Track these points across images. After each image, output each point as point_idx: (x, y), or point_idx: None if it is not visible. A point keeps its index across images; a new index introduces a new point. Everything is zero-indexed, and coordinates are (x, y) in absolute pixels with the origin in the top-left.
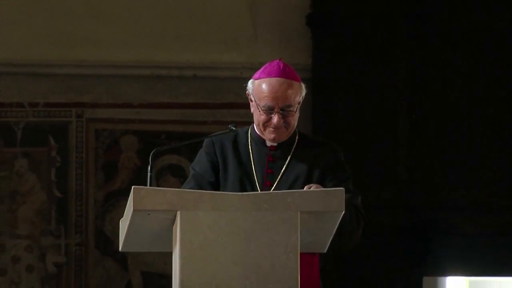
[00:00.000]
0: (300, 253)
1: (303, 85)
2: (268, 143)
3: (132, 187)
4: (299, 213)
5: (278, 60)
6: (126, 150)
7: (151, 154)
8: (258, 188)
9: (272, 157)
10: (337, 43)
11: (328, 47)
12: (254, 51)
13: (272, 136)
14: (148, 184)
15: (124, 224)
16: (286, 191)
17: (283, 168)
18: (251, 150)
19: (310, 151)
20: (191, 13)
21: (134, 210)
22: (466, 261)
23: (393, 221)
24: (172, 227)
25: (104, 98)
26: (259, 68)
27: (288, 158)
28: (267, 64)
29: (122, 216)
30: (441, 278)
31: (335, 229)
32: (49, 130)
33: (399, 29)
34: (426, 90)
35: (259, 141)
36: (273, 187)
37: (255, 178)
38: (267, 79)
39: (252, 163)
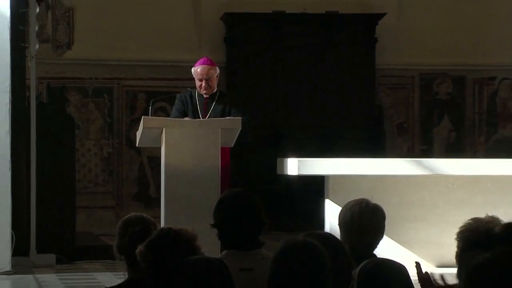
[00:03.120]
0: (221, 147)
1: (217, 68)
2: (204, 96)
3: (143, 117)
4: (220, 128)
5: (205, 57)
6: (140, 100)
7: (151, 102)
8: (201, 117)
9: (206, 102)
10: (236, 51)
11: (232, 53)
12: (200, 53)
13: (204, 92)
14: (150, 115)
15: (138, 133)
16: (214, 118)
17: (212, 107)
18: (197, 99)
19: (224, 98)
20: (172, 34)
21: (143, 127)
22: (298, 151)
23: (266, 132)
24: (161, 135)
25: (130, 75)
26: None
27: (214, 102)
28: (200, 59)
29: (138, 130)
30: (285, 159)
31: (236, 136)
32: (104, 90)
33: (264, 47)
34: (279, 67)
35: (200, 95)
36: (207, 117)
37: (199, 112)
38: (199, 66)
39: (198, 105)
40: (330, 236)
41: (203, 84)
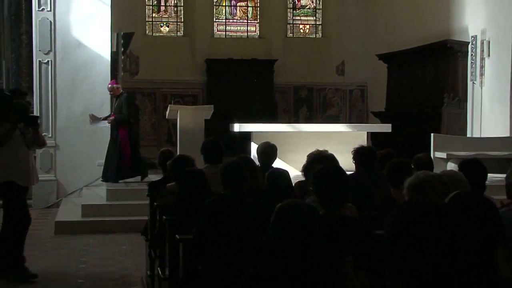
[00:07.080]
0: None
1: (114, 85)
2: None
3: (169, 105)
4: (203, 110)
5: (113, 80)
6: (168, 97)
7: (172, 99)
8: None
9: (116, 99)
10: (212, 77)
11: (210, 78)
12: (195, 77)
13: (111, 95)
14: (172, 104)
15: (167, 113)
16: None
17: (116, 102)
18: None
19: (120, 99)
20: (181, 68)
21: (169, 110)
22: (238, 121)
23: (224, 112)
24: (177, 113)
25: (162, 87)
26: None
27: (117, 100)
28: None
29: (167, 110)
30: (233, 124)
31: (210, 114)
32: (151, 93)
33: (225, 74)
34: (231, 83)
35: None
36: (114, 105)
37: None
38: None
39: (114, 100)
40: (250, 158)
41: (109, 94)
